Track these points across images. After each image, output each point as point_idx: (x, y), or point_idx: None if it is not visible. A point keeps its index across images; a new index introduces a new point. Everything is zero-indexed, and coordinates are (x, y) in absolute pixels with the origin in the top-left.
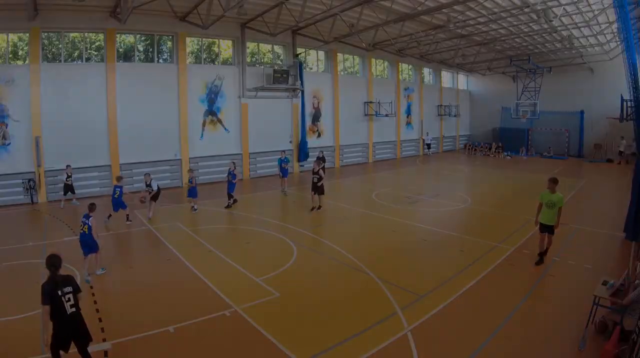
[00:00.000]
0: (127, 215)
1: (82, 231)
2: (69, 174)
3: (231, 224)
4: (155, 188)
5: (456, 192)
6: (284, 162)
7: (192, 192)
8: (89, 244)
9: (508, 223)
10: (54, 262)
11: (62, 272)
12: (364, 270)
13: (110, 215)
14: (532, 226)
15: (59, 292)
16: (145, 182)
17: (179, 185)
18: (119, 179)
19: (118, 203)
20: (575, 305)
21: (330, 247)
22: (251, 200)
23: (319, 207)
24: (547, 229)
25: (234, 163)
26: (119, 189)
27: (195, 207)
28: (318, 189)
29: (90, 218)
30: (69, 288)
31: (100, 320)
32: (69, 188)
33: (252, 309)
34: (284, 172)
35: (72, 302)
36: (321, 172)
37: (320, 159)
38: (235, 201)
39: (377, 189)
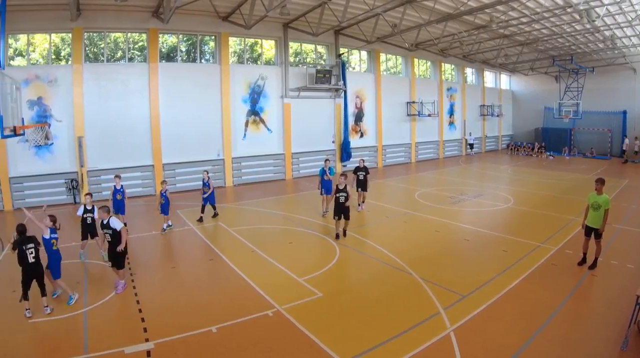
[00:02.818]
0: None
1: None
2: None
3: (273, 224)
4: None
5: (499, 192)
6: (328, 173)
7: (164, 208)
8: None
9: (551, 223)
10: (20, 229)
11: None
12: (407, 270)
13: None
14: (575, 226)
15: (24, 247)
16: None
17: (221, 185)
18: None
19: (119, 206)
20: (618, 305)
21: (372, 247)
22: (294, 200)
23: (344, 233)
24: (592, 232)
25: (206, 171)
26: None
27: (165, 227)
28: (344, 211)
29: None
30: (31, 245)
31: (142, 320)
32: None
33: (295, 309)
34: (326, 187)
35: (33, 254)
36: (348, 188)
37: (360, 170)
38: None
39: (420, 189)
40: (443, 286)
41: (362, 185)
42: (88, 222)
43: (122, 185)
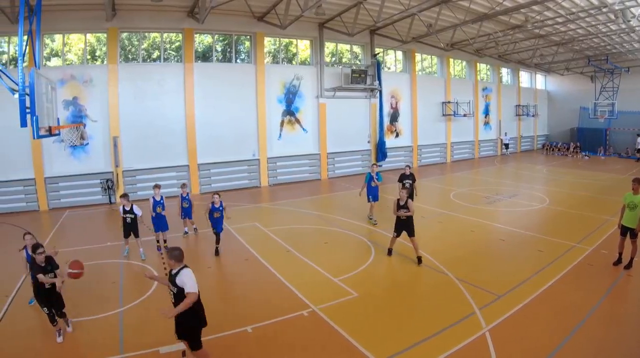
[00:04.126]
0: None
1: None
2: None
3: (309, 224)
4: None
5: (534, 192)
6: (375, 179)
7: (187, 212)
8: None
9: (586, 223)
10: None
11: None
12: (442, 270)
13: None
14: (610, 226)
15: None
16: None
17: (256, 185)
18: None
19: (161, 221)
20: None
21: (408, 247)
22: (329, 200)
23: (419, 260)
24: (628, 232)
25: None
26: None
27: (186, 230)
28: (407, 228)
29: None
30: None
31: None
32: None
33: (330, 309)
34: (373, 194)
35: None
36: (410, 203)
37: (406, 178)
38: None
39: (455, 189)
40: (478, 286)
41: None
42: (128, 221)
43: (162, 196)
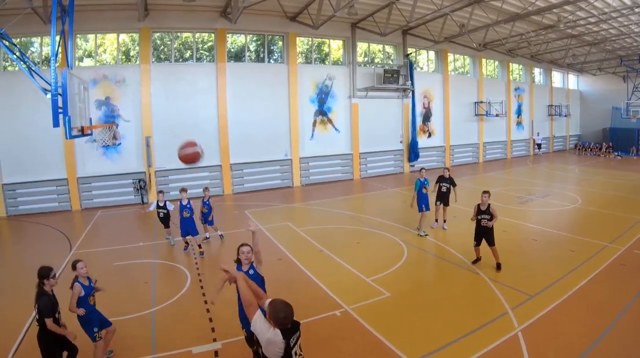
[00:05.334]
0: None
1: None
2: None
3: (341, 224)
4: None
5: (566, 192)
6: (426, 186)
7: (206, 217)
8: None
9: (618, 223)
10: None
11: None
12: (474, 269)
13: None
14: None
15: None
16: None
17: (289, 185)
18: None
19: (188, 225)
20: None
21: (440, 247)
22: (361, 200)
23: (498, 266)
24: None
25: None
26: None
27: (207, 236)
28: (487, 236)
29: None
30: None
31: (210, 320)
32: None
33: (363, 309)
34: (425, 202)
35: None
36: (492, 209)
37: (444, 180)
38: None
39: (487, 189)
40: (511, 286)
41: (444, 199)
42: (160, 216)
43: (188, 201)
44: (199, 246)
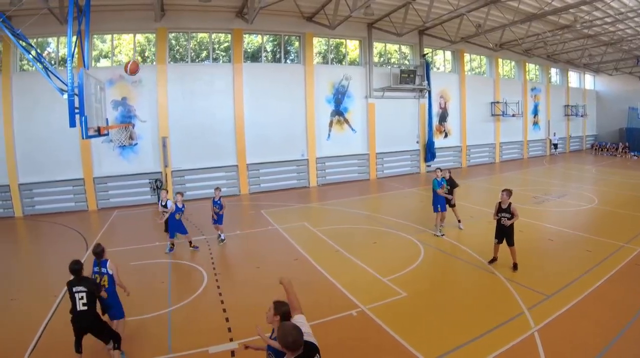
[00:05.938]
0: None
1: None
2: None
3: (357, 224)
4: None
5: (583, 192)
6: (444, 186)
7: (220, 218)
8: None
9: (635, 223)
10: (74, 267)
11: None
12: (491, 269)
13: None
14: None
15: (73, 289)
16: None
17: (305, 185)
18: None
19: (178, 226)
20: None
21: (456, 247)
22: (378, 200)
23: (514, 266)
24: None
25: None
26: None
27: (223, 237)
28: (507, 235)
29: (108, 263)
30: (81, 288)
31: (227, 320)
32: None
33: (379, 309)
34: (441, 202)
35: (84, 300)
36: (514, 208)
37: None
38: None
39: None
40: (527, 286)
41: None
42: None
43: (183, 204)
44: (190, 243)
